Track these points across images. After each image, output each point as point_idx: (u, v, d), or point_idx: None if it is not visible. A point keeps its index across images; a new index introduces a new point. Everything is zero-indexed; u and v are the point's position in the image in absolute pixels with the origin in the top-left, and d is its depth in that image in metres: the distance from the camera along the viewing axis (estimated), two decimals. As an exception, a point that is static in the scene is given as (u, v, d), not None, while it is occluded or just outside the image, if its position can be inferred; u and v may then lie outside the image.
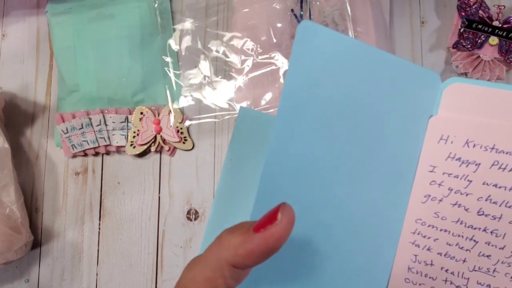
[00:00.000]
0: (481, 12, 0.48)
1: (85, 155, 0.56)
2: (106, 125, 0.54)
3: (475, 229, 0.34)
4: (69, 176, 0.56)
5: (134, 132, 0.53)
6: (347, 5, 0.51)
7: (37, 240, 0.55)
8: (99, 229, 0.54)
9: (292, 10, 0.52)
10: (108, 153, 0.56)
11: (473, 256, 0.34)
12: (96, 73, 0.54)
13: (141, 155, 0.55)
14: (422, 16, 0.53)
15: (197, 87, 0.55)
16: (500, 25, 0.48)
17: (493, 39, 0.48)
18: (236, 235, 0.23)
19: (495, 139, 0.33)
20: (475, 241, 0.34)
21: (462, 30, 0.49)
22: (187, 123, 0.54)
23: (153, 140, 0.53)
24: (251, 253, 0.23)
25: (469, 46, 0.49)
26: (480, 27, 0.48)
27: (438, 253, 0.35)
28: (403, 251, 0.36)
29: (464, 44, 0.49)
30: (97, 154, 0.56)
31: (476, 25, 0.48)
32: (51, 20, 0.56)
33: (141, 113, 0.53)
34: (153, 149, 0.53)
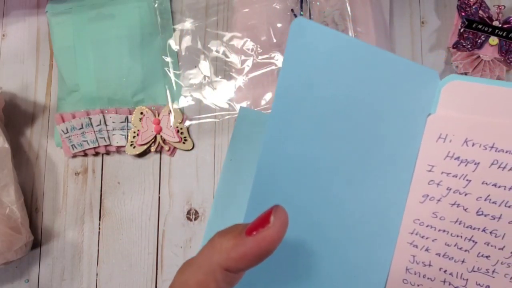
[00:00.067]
0: (481, 12, 0.48)
1: (85, 155, 0.56)
2: (106, 125, 0.54)
3: (474, 229, 0.33)
4: (69, 176, 0.56)
5: (134, 132, 0.53)
6: (347, 5, 0.50)
7: (37, 240, 0.55)
8: (99, 229, 0.54)
9: (292, 10, 0.52)
10: (108, 153, 0.56)
11: (472, 256, 0.34)
12: (96, 73, 0.54)
13: (141, 155, 0.55)
14: (422, 16, 0.52)
15: (197, 87, 0.55)
16: (500, 25, 0.48)
17: (493, 39, 0.48)
18: (228, 238, 0.23)
19: (494, 137, 0.32)
20: (474, 241, 0.33)
21: (462, 30, 0.49)
22: (187, 123, 0.54)
23: (153, 140, 0.53)
24: (244, 256, 0.22)
25: (469, 46, 0.48)
26: (480, 27, 0.48)
27: (436, 254, 0.35)
28: (401, 251, 0.36)
29: (464, 44, 0.49)
30: (97, 154, 0.56)
31: (476, 25, 0.48)
32: (51, 20, 0.56)
33: (141, 113, 0.53)
34: (153, 149, 0.53)
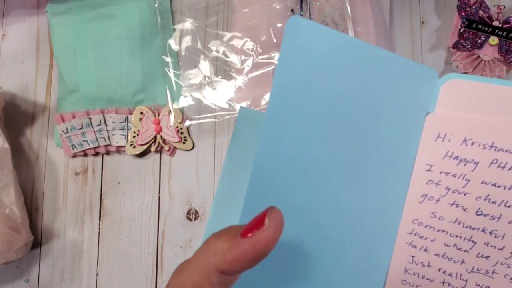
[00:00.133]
0: (481, 12, 0.48)
1: (85, 155, 0.56)
2: (106, 125, 0.54)
3: (474, 229, 0.33)
4: (69, 176, 0.56)
5: (134, 132, 0.53)
6: (347, 5, 0.50)
7: (37, 240, 0.55)
8: (99, 229, 0.54)
9: (292, 10, 0.52)
10: (108, 153, 0.56)
11: (472, 257, 0.33)
12: (96, 73, 0.54)
13: (141, 155, 0.55)
14: (422, 16, 0.52)
15: (197, 87, 0.55)
16: (500, 25, 0.48)
17: (493, 39, 0.48)
18: (223, 240, 0.23)
19: (493, 136, 0.32)
20: (473, 241, 0.33)
21: (462, 30, 0.49)
22: (187, 123, 0.54)
23: (153, 140, 0.53)
24: (239, 258, 0.22)
25: (469, 46, 0.48)
26: (480, 27, 0.48)
27: (435, 254, 0.35)
28: (400, 252, 0.35)
29: (464, 44, 0.48)
30: (97, 154, 0.56)
31: (476, 25, 0.48)
32: (51, 20, 0.56)
33: (141, 113, 0.53)
34: (153, 149, 0.53)
